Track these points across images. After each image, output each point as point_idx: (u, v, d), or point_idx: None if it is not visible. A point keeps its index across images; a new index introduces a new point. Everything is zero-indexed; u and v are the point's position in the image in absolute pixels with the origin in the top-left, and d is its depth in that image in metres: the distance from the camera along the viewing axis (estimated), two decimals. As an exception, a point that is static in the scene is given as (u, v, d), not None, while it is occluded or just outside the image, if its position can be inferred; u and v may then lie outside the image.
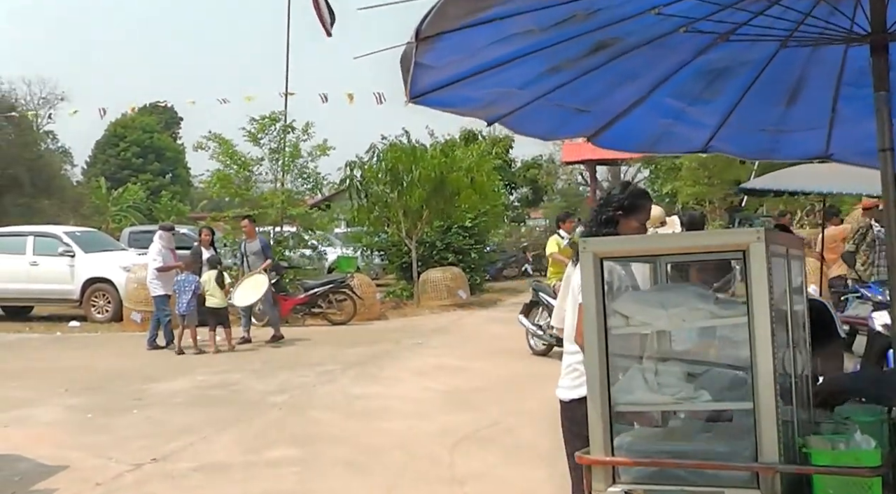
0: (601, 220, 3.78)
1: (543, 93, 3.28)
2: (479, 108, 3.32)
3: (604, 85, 3.37)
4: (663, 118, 3.76)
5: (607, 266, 2.65)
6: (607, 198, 3.85)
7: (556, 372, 10.25)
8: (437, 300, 19.26)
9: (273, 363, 11.84)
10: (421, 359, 12.00)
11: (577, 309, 3.58)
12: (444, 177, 18.77)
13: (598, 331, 2.57)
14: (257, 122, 17.63)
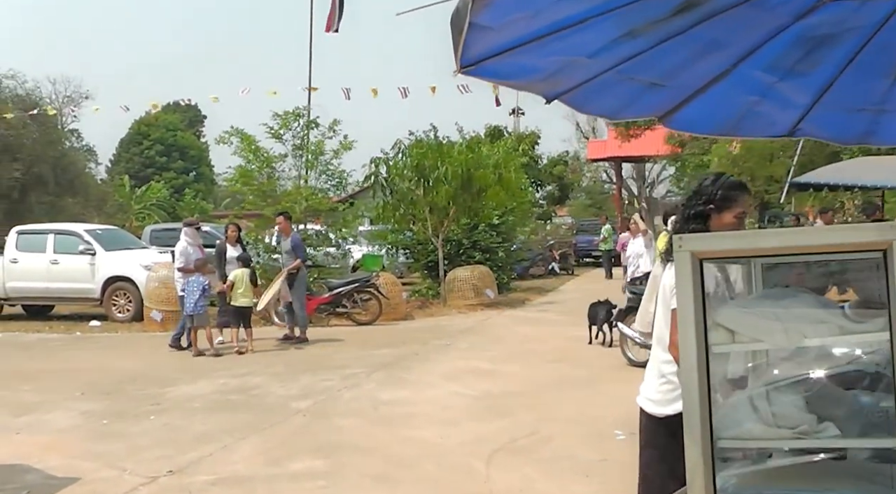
0: (689, 216, 3.29)
1: (614, 64, 2.80)
2: (539, 81, 2.84)
3: (684, 55, 2.87)
4: (748, 95, 3.26)
5: (707, 268, 2.15)
6: (697, 190, 3.36)
7: (589, 375, 9.77)
8: (464, 299, 18.79)
9: (295, 365, 11.40)
10: (449, 362, 11.53)
11: (668, 314, 3.11)
12: (470, 174, 18.29)
13: (697, 351, 2.08)
14: (280, 118, 17.19)
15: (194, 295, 12.64)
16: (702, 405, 2.08)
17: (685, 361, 2.10)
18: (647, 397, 3.54)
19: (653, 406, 3.46)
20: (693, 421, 2.09)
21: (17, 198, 36.30)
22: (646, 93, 3.12)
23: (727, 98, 3.24)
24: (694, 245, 2.14)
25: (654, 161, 60.63)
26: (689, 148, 41.94)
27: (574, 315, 16.32)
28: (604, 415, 8.15)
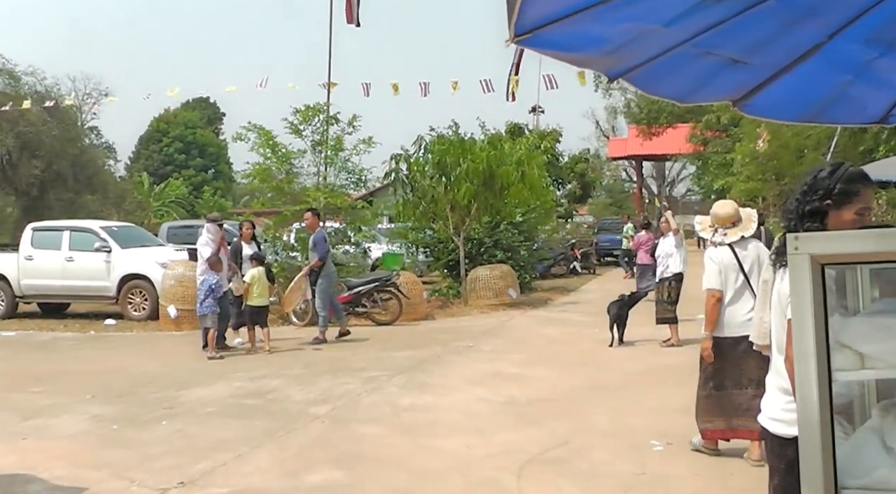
0: (804, 212, 2.83)
1: (692, 36, 2.39)
2: (604, 54, 2.43)
3: (773, 25, 2.46)
4: (841, 74, 2.83)
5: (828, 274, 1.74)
6: (811, 183, 2.89)
7: (619, 380, 9.33)
8: (486, 299, 18.39)
9: (314, 368, 11.03)
10: (472, 365, 11.13)
11: (785, 323, 2.67)
12: (493, 171, 17.89)
13: (818, 379, 1.66)
14: (300, 113, 16.83)
15: (200, 294, 12.32)
16: (823, 444, 1.67)
17: (802, 390, 1.69)
18: (772, 416, 3.13)
19: (779, 426, 3.02)
20: (812, 464, 1.68)
21: (37, 195, 36.25)
22: (723, 72, 2.71)
23: (815, 78, 2.81)
24: (814, 246, 1.72)
25: (676, 159, 60.09)
26: (711, 146, 41.39)
27: (599, 315, 15.84)
28: (639, 425, 7.75)
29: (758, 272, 6.18)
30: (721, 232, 6.44)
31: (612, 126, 72.37)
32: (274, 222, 18.07)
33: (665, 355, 11.70)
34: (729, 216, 6.48)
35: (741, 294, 6.37)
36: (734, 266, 6.39)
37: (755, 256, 6.43)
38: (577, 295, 22.11)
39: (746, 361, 6.18)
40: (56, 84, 39.35)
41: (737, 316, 6.32)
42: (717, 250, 6.47)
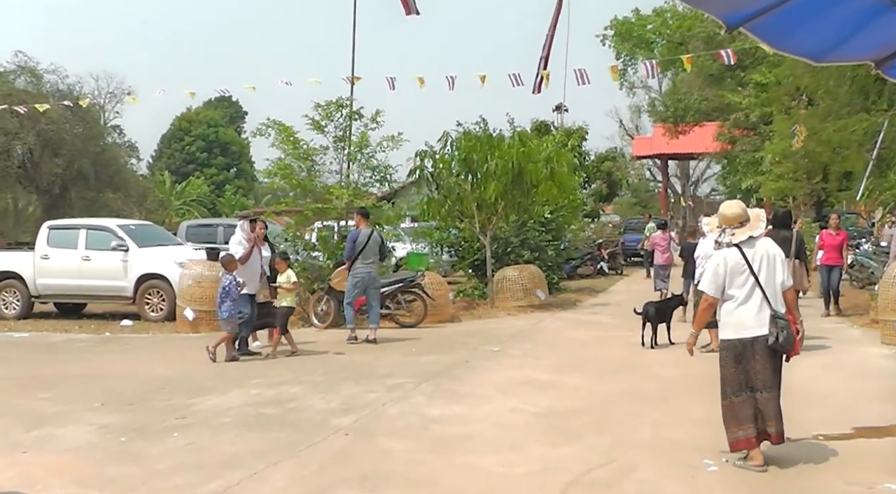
0: None
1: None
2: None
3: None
4: None
5: None
6: None
7: (659, 389, 8.65)
8: (513, 301, 17.81)
9: (336, 373, 10.46)
10: (503, 371, 10.52)
11: None
12: (522, 168, 17.26)
13: None
14: (322, 108, 16.26)
15: (217, 297, 11.72)
16: None
17: None
18: None
19: None
20: None
21: (58, 194, 36.39)
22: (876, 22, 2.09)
23: None
24: None
25: (702, 158, 59.21)
26: (740, 144, 40.58)
27: (630, 318, 15.23)
28: (685, 439, 7.14)
29: (767, 270, 6.33)
30: (729, 232, 6.43)
31: (636, 125, 71.67)
32: (296, 221, 17.54)
33: (704, 361, 10.96)
34: (737, 216, 6.45)
35: (751, 294, 6.34)
36: (742, 267, 6.34)
37: (764, 254, 6.38)
38: (606, 296, 21.49)
39: (761, 363, 6.28)
40: (78, 82, 39.28)
41: (748, 317, 6.32)
42: (725, 251, 6.45)
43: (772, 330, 6.21)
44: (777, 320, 6.22)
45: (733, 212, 6.48)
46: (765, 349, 6.26)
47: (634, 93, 65.89)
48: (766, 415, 6.32)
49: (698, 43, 42.63)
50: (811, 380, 9.64)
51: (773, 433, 6.34)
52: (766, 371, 6.28)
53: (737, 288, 6.35)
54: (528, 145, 17.91)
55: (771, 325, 6.22)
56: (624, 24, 55.21)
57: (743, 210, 6.52)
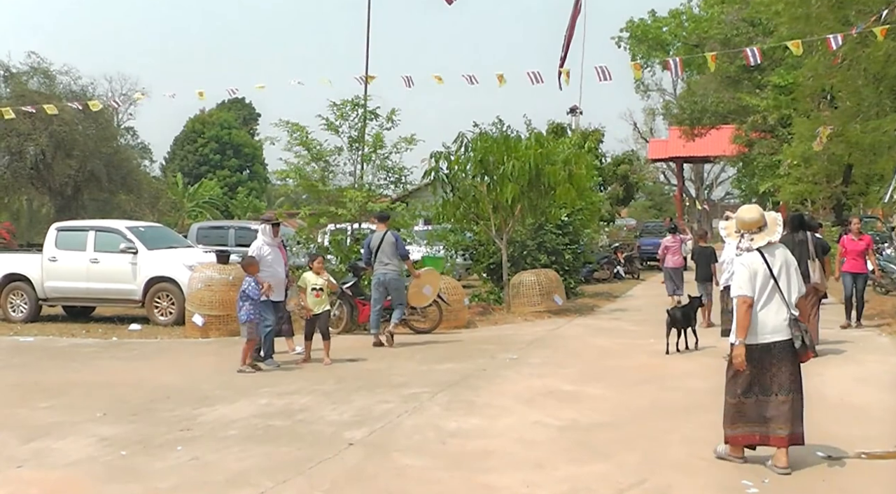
0: None
1: None
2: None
3: None
4: None
5: None
6: None
7: (687, 401, 8.17)
8: (530, 306, 17.37)
9: (349, 382, 10.05)
10: (523, 380, 10.09)
11: None
12: (539, 170, 16.81)
13: None
14: (337, 107, 15.86)
15: (244, 299, 11.13)
16: None
17: None
18: None
19: None
20: None
21: (71, 195, 36.44)
22: None
23: None
24: None
25: (718, 162, 58.66)
26: (757, 147, 40.08)
27: (651, 324, 14.91)
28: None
29: (786, 276, 6.41)
30: (748, 237, 6.47)
31: (651, 128, 71.24)
32: (308, 223, 17.15)
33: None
34: (755, 221, 6.48)
35: (772, 298, 6.38)
36: (765, 271, 6.38)
37: (783, 260, 6.46)
38: (624, 301, 21.03)
39: (777, 367, 6.31)
40: (91, 83, 39.21)
41: (768, 321, 6.34)
42: (748, 255, 6.46)
43: (795, 334, 6.27)
44: (798, 324, 6.31)
45: (752, 216, 6.49)
46: (786, 352, 6.31)
47: (649, 96, 65.62)
48: (781, 418, 6.30)
49: (715, 44, 42.22)
50: (845, 393, 9.21)
51: (786, 435, 6.27)
52: (785, 374, 6.31)
53: (758, 293, 6.34)
54: (546, 146, 17.47)
55: (794, 329, 6.28)
56: (640, 26, 54.79)
57: (761, 215, 6.52)
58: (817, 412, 7.28)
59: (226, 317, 14.47)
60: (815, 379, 10.16)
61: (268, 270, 11.56)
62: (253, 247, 11.88)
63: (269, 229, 11.91)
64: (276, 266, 11.78)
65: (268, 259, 11.68)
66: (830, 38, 15.22)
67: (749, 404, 6.37)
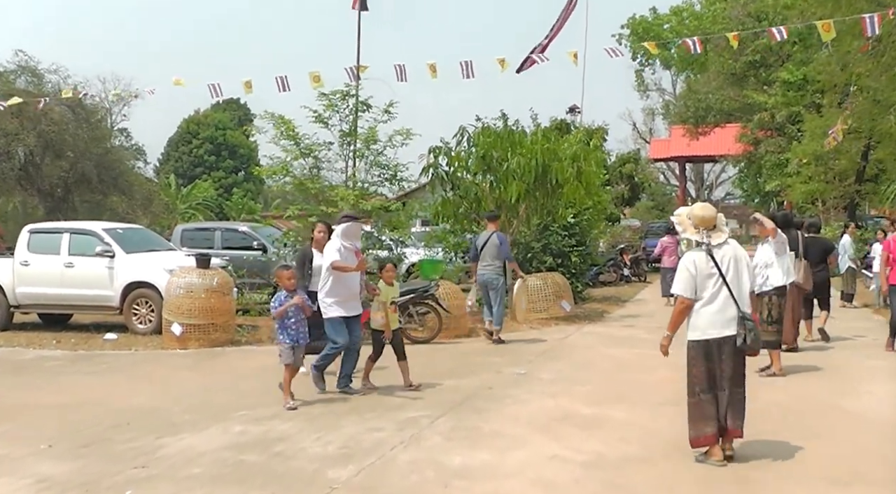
0: None
1: None
2: None
3: None
4: None
5: None
6: None
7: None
8: (535, 312, 16.20)
9: (338, 404, 8.87)
10: (534, 401, 8.91)
11: None
12: (546, 167, 15.65)
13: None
14: (326, 98, 14.64)
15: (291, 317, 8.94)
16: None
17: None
18: None
19: None
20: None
21: (61, 196, 35.41)
22: None
23: None
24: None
25: (723, 161, 57.54)
26: (764, 146, 38.98)
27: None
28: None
29: (735, 272, 6.53)
30: (705, 233, 6.56)
31: (650, 128, 70.18)
32: (303, 225, 15.78)
33: (770, 389, 9.43)
34: (713, 218, 6.62)
35: (718, 295, 6.47)
36: (712, 269, 6.49)
37: (733, 256, 6.57)
38: (635, 306, 19.86)
39: (726, 363, 6.46)
40: (80, 82, 38.23)
41: (717, 318, 6.46)
42: (695, 254, 6.58)
43: (739, 332, 6.38)
44: (745, 321, 6.39)
45: (711, 214, 6.64)
46: (732, 349, 6.43)
47: (648, 95, 64.85)
48: (730, 411, 6.44)
49: (720, 40, 41.29)
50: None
51: (733, 427, 6.46)
52: (731, 370, 6.45)
53: (706, 291, 6.48)
54: (554, 142, 16.32)
55: (739, 327, 6.39)
56: (641, 24, 53.90)
57: (716, 213, 6.71)
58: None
59: (207, 327, 13.33)
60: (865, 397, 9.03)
61: (342, 282, 9.28)
62: (328, 252, 9.51)
63: (351, 229, 9.55)
64: (352, 275, 9.50)
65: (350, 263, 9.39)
66: (866, 18, 14.04)
67: (707, 401, 6.47)
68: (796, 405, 8.69)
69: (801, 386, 9.74)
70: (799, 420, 7.97)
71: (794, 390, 9.46)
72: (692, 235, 6.64)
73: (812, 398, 9.07)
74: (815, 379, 10.21)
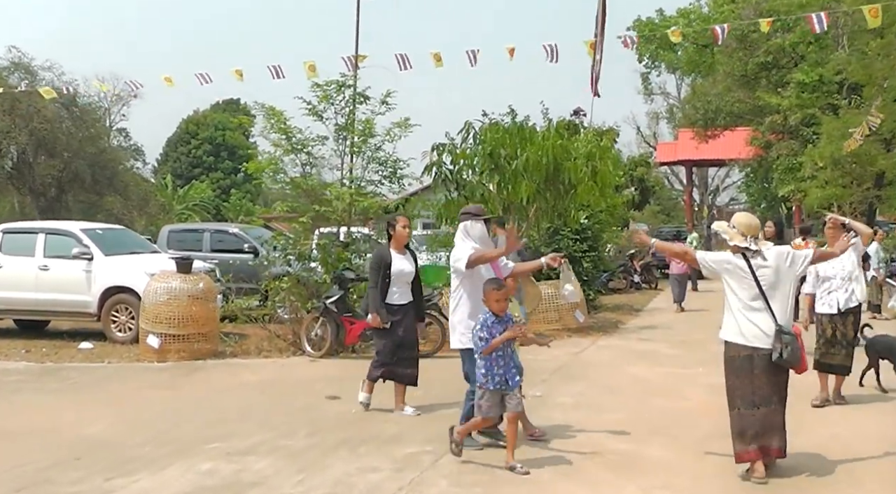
0: None
1: None
2: None
3: None
4: None
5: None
6: None
7: (801, 476, 5.61)
8: (546, 323, 15.05)
9: (325, 434, 7.61)
10: (556, 432, 7.64)
11: None
12: (558, 166, 14.42)
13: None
14: (321, 88, 13.39)
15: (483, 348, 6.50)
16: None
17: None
18: None
19: None
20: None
21: (54, 196, 34.77)
22: None
23: None
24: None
25: (734, 165, 56.41)
26: (776, 149, 37.82)
27: (691, 347, 12.71)
28: None
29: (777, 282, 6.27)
30: (752, 240, 6.37)
31: (654, 132, 69.16)
32: (303, 227, 14.32)
33: (836, 421, 8.20)
34: (758, 226, 6.54)
35: (753, 303, 6.25)
36: (748, 276, 6.28)
37: (776, 267, 6.32)
38: (650, 316, 18.62)
39: (763, 377, 6.18)
40: (75, 79, 37.60)
41: (750, 327, 6.22)
42: (736, 258, 6.38)
43: (776, 345, 6.09)
44: (782, 335, 6.09)
45: (755, 222, 6.52)
46: (767, 363, 6.13)
47: (652, 99, 64.07)
48: (770, 430, 6.18)
49: (730, 41, 40.39)
50: None
51: (776, 447, 6.21)
52: (768, 385, 6.18)
53: (743, 298, 6.27)
54: (567, 139, 15.11)
55: (775, 340, 6.10)
56: (647, 25, 53.05)
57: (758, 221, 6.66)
58: None
59: (188, 337, 12.14)
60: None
61: (479, 296, 6.98)
62: (458, 257, 7.25)
63: (480, 227, 7.31)
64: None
65: (481, 272, 7.24)
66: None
67: (748, 415, 6.19)
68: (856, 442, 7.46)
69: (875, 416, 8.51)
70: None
71: (873, 424, 8.19)
72: (740, 242, 6.33)
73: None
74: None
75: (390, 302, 8.39)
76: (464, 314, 7.22)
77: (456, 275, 7.33)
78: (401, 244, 8.53)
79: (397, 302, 8.45)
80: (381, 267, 8.39)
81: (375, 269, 8.43)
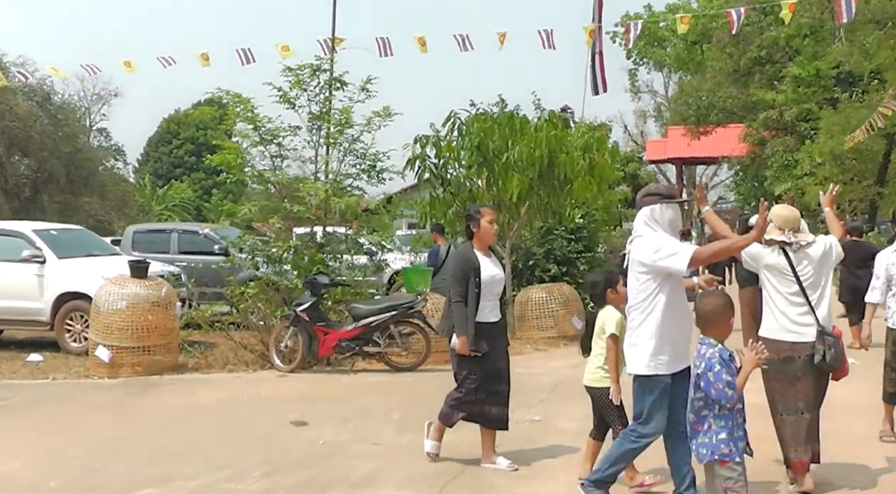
0: None
1: None
2: None
3: None
4: None
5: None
6: None
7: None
8: (541, 330, 13.87)
9: (287, 471, 6.38)
10: (560, 469, 6.46)
11: None
12: (553, 159, 13.25)
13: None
14: (293, 73, 12.14)
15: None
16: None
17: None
18: None
19: None
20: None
21: (29, 197, 33.67)
22: None
23: None
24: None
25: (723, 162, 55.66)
26: (771, 146, 36.99)
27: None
28: None
29: (819, 278, 5.99)
30: (791, 234, 6.03)
31: (641, 130, 68.54)
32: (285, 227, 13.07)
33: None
34: (797, 218, 6.15)
35: (791, 300, 5.93)
36: (790, 272, 5.96)
37: (815, 264, 5.99)
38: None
39: (804, 381, 5.87)
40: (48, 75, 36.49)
41: (786, 322, 5.91)
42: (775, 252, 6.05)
43: (818, 347, 5.76)
44: (825, 336, 5.78)
45: (795, 214, 6.20)
46: (808, 366, 5.81)
47: (640, 98, 63.62)
48: (812, 435, 5.95)
49: (722, 36, 39.81)
50: None
51: (816, 452, 6.02)
52: (811, 390, 5.88)
53: (782, 292, 5.99)
54: (562, 130, 13.96)
55: (818, 342, 5.78)
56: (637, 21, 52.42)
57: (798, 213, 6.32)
58: None
59: (143, 350, 10.89)
60: None
61: (678, 310, 5.51)
62: (670, 250, 5.37)
63: (673, 212, 5.56)
64: (683, 297, 5.64)
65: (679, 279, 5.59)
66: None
67: (790, 422, 5.90)
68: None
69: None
70: None
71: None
72: (777, 236, 6.00)
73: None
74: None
75: (480, 320, 6.53)
76: (659, 333, 5.39)
77: (652, 278, 5.44)
78: (486, 243, 6.79)
79: (488, 320, 6.58)
80: (468, 275, 6.51)
81: (462, 278, 6.53)
